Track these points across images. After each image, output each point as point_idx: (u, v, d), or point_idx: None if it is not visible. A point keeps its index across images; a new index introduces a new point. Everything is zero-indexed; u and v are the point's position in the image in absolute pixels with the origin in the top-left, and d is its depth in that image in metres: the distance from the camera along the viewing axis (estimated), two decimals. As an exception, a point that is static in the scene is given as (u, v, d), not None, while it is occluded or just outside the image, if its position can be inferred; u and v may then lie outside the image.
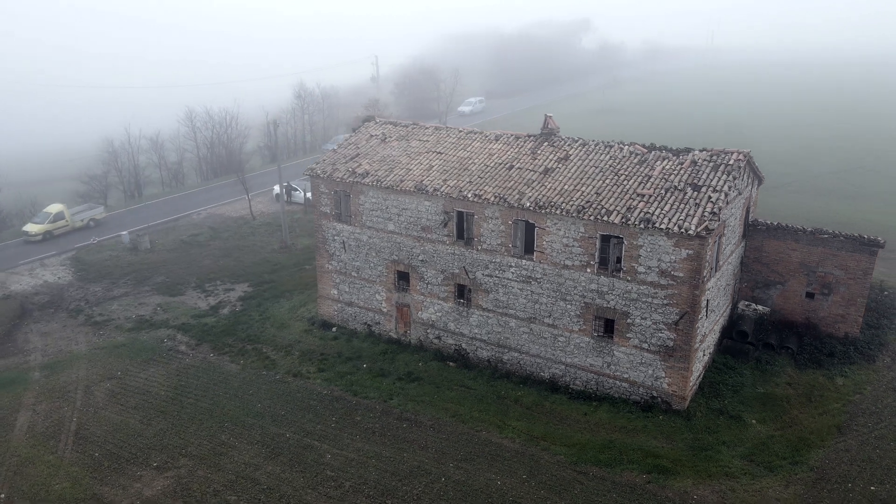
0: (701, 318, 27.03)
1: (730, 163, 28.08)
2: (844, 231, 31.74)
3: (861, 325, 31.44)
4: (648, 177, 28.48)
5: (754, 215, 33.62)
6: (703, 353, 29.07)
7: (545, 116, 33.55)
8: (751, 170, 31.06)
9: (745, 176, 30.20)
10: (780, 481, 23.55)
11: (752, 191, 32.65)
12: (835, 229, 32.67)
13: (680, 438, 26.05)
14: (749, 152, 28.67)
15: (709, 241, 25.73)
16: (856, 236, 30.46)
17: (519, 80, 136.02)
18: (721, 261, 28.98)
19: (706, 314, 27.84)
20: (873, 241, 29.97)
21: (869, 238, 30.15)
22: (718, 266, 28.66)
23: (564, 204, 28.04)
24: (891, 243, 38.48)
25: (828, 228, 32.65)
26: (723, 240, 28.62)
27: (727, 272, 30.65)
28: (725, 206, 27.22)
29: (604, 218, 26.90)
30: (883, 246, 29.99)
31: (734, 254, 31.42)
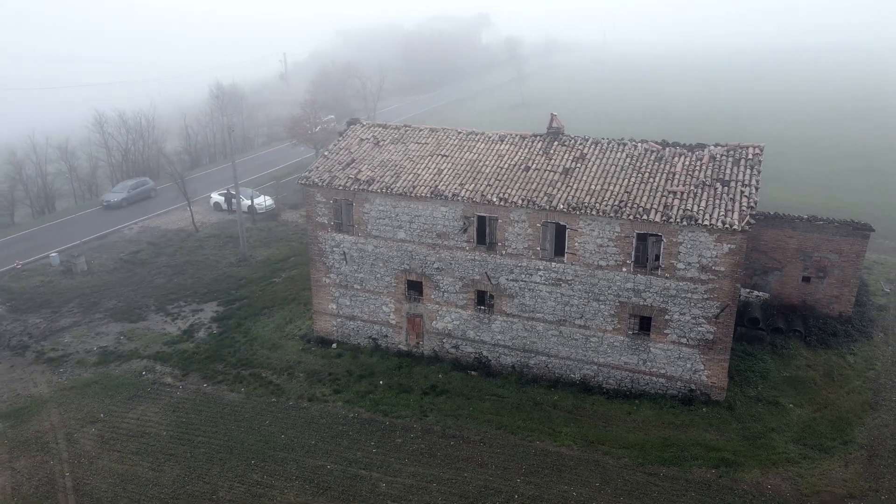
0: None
1: (749, 157, 28.88)
2: (837, 218, 33.68)
3: (853, 304, 33.55)
4: (672, 174, 28.75)
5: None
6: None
7: (551, 115, 33.11)
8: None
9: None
10: (839, 462, 24.54)
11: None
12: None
13: (730, 429, 26.54)
14: (763, 146, 29.62)
15: (749, 235, 26.33)
16: (849, 221, 32.45)
17: (425, 76, 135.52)
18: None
19: (734, 305, 28.54)
20: (865, 226, 32.00)
21: (861, 223, 32.17)
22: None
23: (599, 204, 27.76)
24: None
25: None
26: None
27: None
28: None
29: (643, 217, 26.86)
30: (874, 230, 32.07)
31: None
